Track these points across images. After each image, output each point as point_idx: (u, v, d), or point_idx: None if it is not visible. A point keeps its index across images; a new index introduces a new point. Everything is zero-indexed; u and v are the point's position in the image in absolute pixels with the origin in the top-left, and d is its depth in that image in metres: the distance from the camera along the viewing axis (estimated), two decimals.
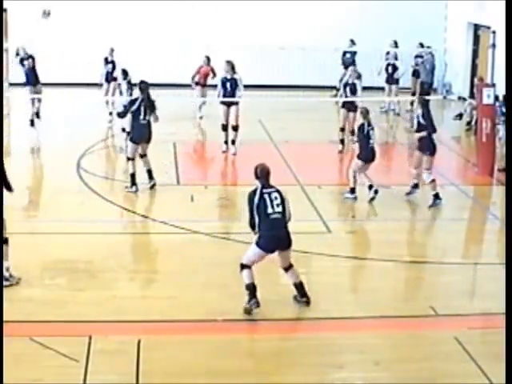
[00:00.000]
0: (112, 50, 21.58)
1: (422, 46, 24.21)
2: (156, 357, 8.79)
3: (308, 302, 10.27)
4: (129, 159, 15.09)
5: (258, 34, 25.38)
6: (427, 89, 22.70)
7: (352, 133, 18.10)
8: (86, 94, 21.85)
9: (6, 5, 23.91)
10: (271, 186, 10.12)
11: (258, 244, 10.03)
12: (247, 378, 8.43)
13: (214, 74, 21.29)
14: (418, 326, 9.99)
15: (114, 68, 21.21)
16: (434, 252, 12.38)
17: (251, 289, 10.04)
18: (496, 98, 17.33)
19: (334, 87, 24.80)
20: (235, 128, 18.02)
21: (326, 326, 9.87)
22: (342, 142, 18.62)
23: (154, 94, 15.34)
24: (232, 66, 18.13)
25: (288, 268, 10.30)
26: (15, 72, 20.32)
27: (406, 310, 10.25)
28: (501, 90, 17.35)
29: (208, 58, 21.73)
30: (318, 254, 12.12)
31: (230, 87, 18.04)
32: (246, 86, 18.44)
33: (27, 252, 11.86)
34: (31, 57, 20.35)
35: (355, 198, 14.53)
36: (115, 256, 11.95)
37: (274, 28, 25.68)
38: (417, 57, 24.24)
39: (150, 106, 14.97)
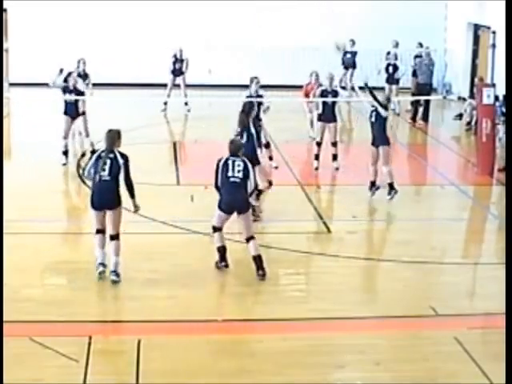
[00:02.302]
0: (181, 50, 22.42)
1: (421, 46, 24.20)
2: (156, 357, 8.79)
3: (263, 275, 10.82)
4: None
5: (257, 34, 25.41)
6: (428, 89, 22.69)
7: (334, 144, 16.71)
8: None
9: (5, 5, 23.92)
10: (238, 157, 10.98)
11: (218, 206, 10.97)
12: (247, 378, 8.43)
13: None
14: (418, 325, 9.99)
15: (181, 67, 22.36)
16: (433, 252, 12.37)
17: (221, 251, 11.08)
18: (496, 98, 17.32)
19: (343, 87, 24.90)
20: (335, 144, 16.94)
21: (326, 326, 9.87)
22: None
23: (155, 94, 15.33)
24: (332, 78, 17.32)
25: (249, 239, 10.97)
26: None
27: (405, 310, 10.25)
28: (501, 90, 17.34)
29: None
30: (318, 253, 12.12)
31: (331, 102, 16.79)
32: (246, 86, 18.42)
33: (27, 252, 11.87)
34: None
35: (377, 188, 14.63)
36: None
37: (274, 28, 25.69)
38: (416, 57, 24.24)
39: None
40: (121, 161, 10.70)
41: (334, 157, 16.77)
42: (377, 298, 10.58)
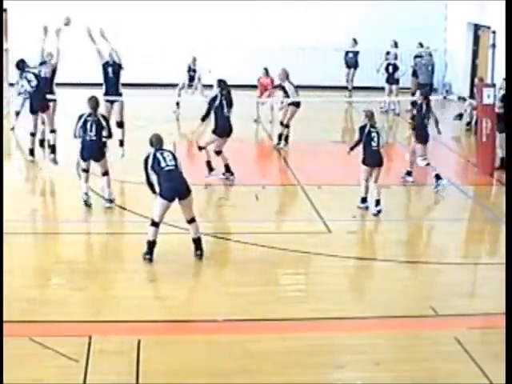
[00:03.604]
0: (195, 59, 22.63)
1: (421, 46, 24.20)
2: (156, 357, 8.79)
3: (201, 256, 11.39)
4: (201, 149, 15.69)
5: (257, 34, 25.40)
6: (428, 90, 22.66)
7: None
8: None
9: (5, 5, 23.90)
10: (165, 150, 11.45)
11: (160, 195, 11.20)
12: (247, 378, 8.43)
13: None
14: (418, 325, 9.98)
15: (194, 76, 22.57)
16: (433, 252, 12.37)
17: (151, 244, 11.36)
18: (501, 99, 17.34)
19: (345, 87, 25.00)
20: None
21: (326, 326, 9.86)
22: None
23: (155, 94, 15.34)
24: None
25: (191, 221, 11.39)
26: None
27: (405, 310, 10.25)
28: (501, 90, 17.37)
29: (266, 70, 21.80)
30: (318, 254, 12.12)
31: None
32: (245, 86, 18.43)
33: (27, 252, 11.87)
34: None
35: (367, 208, 14.05)
36: (115, 256, 11.96)
37: (273, 28, 25.69)
38: (416, 57, 24.24)
39: (230, 102, 15.64)
40: (103, 122, 13.68)
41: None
42: (377, 298, 10.57)
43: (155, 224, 11.37)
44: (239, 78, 23.51)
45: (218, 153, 15.67)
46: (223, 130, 15.64)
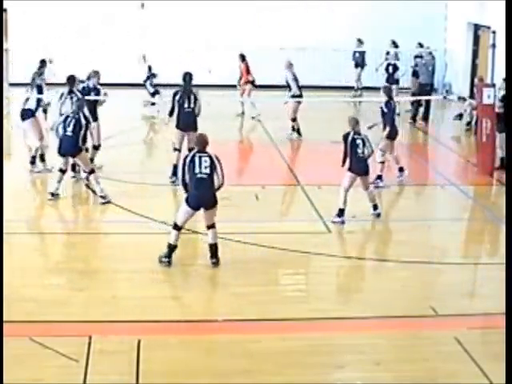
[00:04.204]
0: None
1: (421, 46, 24.19)
2: (156, 357, 8.79)
3: (216, 263, 11.23)
4: (175, 150, 15.43)
5: (257, 34, 25.40)
6: (428, 90, 22.69)
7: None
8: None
9: (5, 5, 23.92)
10: (205, 153, 11.22)
11: (186, 202, 11.17)
12: (247, 378, 8.43)
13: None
14: (418, 325, 9.98)
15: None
16: (433, 252, 12.37)
17: (171, 248, 11.33)
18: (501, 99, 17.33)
19: (351, 87, 25.05)
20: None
21: (326, 325, 9.86)
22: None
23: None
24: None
25: (210, 227, 11.31)
26: None
27: (405, 310, 10.25)
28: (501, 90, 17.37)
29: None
30: (318, 254, 12.12)
31: None
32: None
33: (27, 252, 11.87)
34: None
35: (343, 223, 13.34)
36: (115, 256, 11.96)
37: (273, 28, 25.69)
38: (416, 57, 24.25)
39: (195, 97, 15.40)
40: (83, 121, 14.15)
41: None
42: (377, 297, 10.57)
43: (177, 228, 11.33)
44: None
45: (176, 150, 15.41)
46: (185, 124, 15.34)
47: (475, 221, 14.51)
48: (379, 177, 15.60)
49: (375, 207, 13.73)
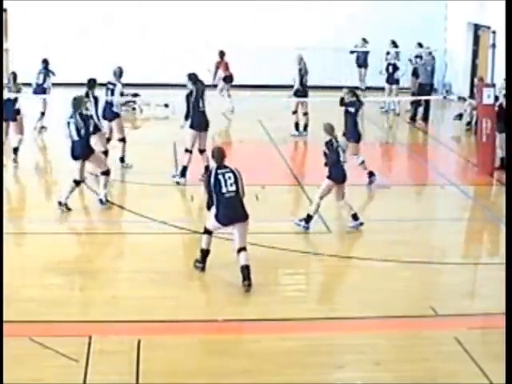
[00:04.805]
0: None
1: (420, 46, 24.18)
2: (156, 357, 8.79)
3: (249, 286, 10.58)
4: (187, 151, 15.42)
5: (257, 34, 25.40)
6: (428, 90, 22.68)
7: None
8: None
9: (5, 5, 23.91)
10: (225, 167, 10.94)
11: (216, 218, 10.91)
12: (247, 378, 8.43)
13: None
14: (418, 325, 9.98)
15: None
16: (433, 252, 12.37)
17: (204, 253, 11.19)
18: (496, 98, 17.32)
19: (357, 87, 25.02)
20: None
21: (326, 326, 9.86)
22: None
23: (158, 94, 15.32)
24: None
25: (241, 250, 10.77)
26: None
27: (406, 310, 10.25)
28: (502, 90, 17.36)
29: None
30: (318, 254, 12.12)
31: None
32: (245, 86, 18.44)
33: (27, 252, 11.87)
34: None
35: (307, 228, 12.98)
36: (115, 256, 11.96)
37: (273, 28, 25.69)
38: (416, 57, 24.25)
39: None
40: (81, 123, 13.62)
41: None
42: (377, 297, 10.57)
43: (208, 232, 11.16)
44: (239, 77, 23.56)
45: (201, 151, 15.49)
46: (199, 124, 15.42)
47: (475, 221, 14.51)
48: (371, 173, 15.60)
49: (355, 217, 13.21)
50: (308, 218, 13.05)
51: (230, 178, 10.82)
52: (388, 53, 23.86)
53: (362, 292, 10.99)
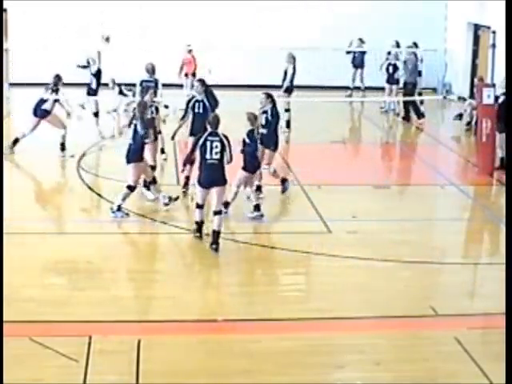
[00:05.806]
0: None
1: (416, 46, 24.03)
2: (156, 357, 8.79)
3: (216, 249, 11.63)
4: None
5: (257, 34, 25.40)
6: (411, 89, 22.58)
7: None
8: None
9: (5, 5, 23.91)
10: (216, 135, 11.86)
11: (198, 182, 12.03)
12: (247, 378, 8.43)
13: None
14: (418, 325, 9.99)
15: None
16: (433, 252, 12.37)
17: (199, 224, 12.19)
18: (496, 98, 17.32)
19: (347, 87, 25.00)
20: None
21: (325, 325, 9.87)
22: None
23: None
24: None
25: (217, 213, 11.85)
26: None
27: (406, 310, 10.25)
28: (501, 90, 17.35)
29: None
30: (318, 254, 12.12)
31: None
32: (246, 86, 18.44)
33: (27, 252, 11.87)
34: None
35: (226, 213, 12.92)
36: (115, 256, 11.96)
37: (273, 28, 25.68)
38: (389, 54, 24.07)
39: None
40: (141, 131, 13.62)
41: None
42: (377, 297, 10.57)
43: (199, 206, 12.14)
44: (239, 77, 23.59)
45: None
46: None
47: (475, 221, 14.51)
48: (284, 180, 14.93)
49: (257, 208, 13.34)
50: (256, 208, 13.43)
51: (216, 146, 11.76)
52: (389, 53, 23.83)
53: (362, 292, 10.99)
